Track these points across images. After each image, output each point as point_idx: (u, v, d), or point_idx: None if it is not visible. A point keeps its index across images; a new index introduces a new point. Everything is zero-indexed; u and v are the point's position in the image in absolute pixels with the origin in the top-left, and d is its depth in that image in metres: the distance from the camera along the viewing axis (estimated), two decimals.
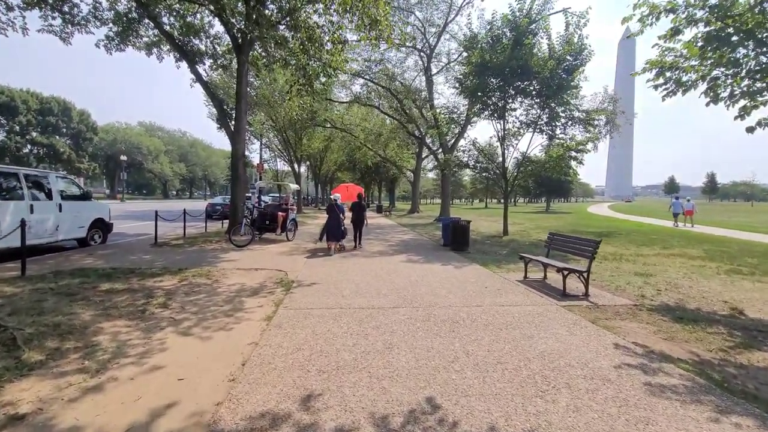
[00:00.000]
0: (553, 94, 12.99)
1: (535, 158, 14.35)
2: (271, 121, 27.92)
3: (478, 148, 15.17)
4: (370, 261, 9.05)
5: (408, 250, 11.15)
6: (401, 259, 9.45)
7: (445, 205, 23.80)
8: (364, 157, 35.34)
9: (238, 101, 13.69)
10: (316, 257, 9.48)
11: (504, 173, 14.81)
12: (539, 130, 13.97)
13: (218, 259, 8.78)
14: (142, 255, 9.13)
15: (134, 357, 3.47)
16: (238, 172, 13.75)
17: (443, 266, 8.46)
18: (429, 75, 22.94)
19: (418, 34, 22.78)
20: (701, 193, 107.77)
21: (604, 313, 5.23)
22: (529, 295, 6.08)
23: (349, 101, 26.85)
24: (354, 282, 6.72)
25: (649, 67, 7.72)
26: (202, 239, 12.18)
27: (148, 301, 5.22)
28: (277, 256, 9.59)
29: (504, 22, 13.24)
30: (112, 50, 14.50)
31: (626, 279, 7.38)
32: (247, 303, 5.32)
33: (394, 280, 6.92)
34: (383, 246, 11.96)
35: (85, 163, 53.41)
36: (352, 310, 5.03)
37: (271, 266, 8.11)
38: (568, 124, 13.85)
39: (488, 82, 13.62)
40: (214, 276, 6.99)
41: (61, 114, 49.20)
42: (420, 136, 25.75)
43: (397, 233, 16.37)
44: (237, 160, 13.71)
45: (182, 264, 8.08)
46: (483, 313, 5.04)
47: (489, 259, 9.63)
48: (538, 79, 12.79)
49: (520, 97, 14.02)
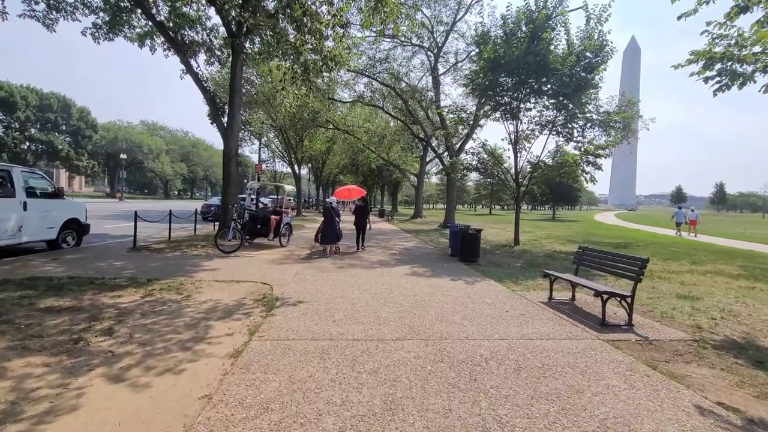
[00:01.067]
0: (572, 93, 11.97)
1: (550, 162, 13.28)
2: (271, 120, 27.03)
3: (489, 151, 14.13)
4: (370, 273, 8.00)
5: (412, 260, 10.09)
6: (404, 271, 8.40)
7: (450, 211, 22.76)
8: (366, 159, 34.39)
9: (232, 95, 12.76)
10: (310, 266, 8.44)
11: (516, 178, 13.76)
12: (555, 132, 12.93)
13: (198, 268, 7.75)
14: (114, 261, 8.12)
15: (27, 422, 2.44)
16: (230, 172, 12.78)
17: (453, 281, 7.40)
18: (436, 75, 22.00)
19: (425, 33, 21.86)
20: (710, 203, 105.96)
21: (661, 351, 4.17)
22: (560, 322, 5.02)
23: (352, 101, 25.91)
24: (349, 301, 5.68)
25: (695, 58, 6.69)
26: (187, 243, 11.17)
27: (90, 325, 4.19)
28: (265, 264, 8.56)
29: (520, 16, 12.24)
30: (100, 39, 13.59)
31: (669, 303, 6.31)
32: (214, 329, 4.29)
33: (397, 299, 5.87)
34: (385, 254, 10.91)
35: (84, 161, 52.72)
36: (344, 343, 3.98)
37: (255, 278, 7.08)
38: (586, 126, 12.80)
39: (501, 80, 12.61)
40: (186, 290, 5.95)
41: (60, 111, 48.55)
42: (425, 138, 24.77)
43: (399, 240, 15.32)
44: (229, 158, 12.75)
45: (154, 273, 7.05)
46: (510, 349, 3.98)
47: (503, 273, 8.57)
48: (556, 76, 11.77)
49: (535, 97, 13.00)
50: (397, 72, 22.53)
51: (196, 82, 12.13)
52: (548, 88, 12.53)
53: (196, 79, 12.14)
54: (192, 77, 12.10)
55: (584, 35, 12.04)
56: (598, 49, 11.88)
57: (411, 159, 34.80)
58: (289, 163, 32.62)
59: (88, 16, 13.34)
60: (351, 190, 14.20)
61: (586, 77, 11.93)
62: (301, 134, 30.44)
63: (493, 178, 14.60)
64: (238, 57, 12.64)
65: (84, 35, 13.48)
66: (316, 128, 29.68)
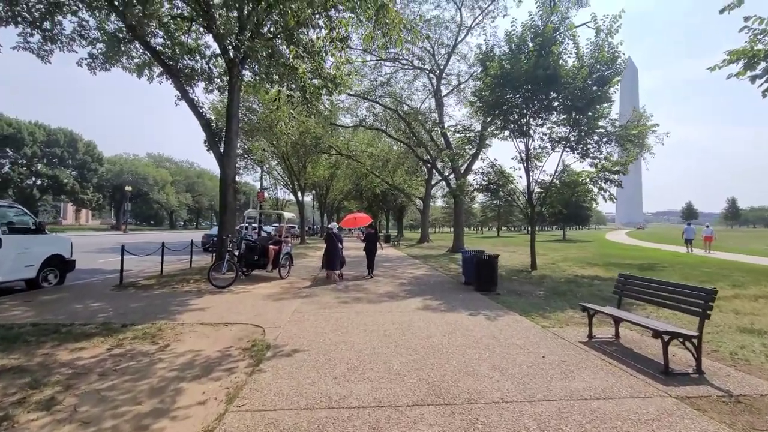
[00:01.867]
0: (585, 107, 11.34)
1: (566, 180, 12.50)
2: (272, 146, 26.75)
3: (498, 171, 13.41)
4: (377, 309, 7.11)
5: (423, 290, 9.18)
6: (416, 304, 7.49)
7: (459, 235, 21.88)
8: (370, 184, 33.90)
9: (229, 121, 12.26)
10: (310, 302, 7.57)
11: (530, 197, 12.97)
12: (570, 148, 12.22)
13: (184, 308, 6.91)
14: (93, 302, 7.31)
15: None
16: (227, 200, 12.11)
17: (472, 317, 6.48)
18: (439, 97, 21.68)
19: (426, 55, 21.72)
20: (723, 218, 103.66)
21: (757, 414, 3.22)
22: (613, 371, 4.08)
23: (354, 126, 25.62)
24: (353, 347, 4.79)
25: (733, 58, 5.99)
26: (180, 277, 10.38)
27: (27, 394, 3.34)
28: (261, 300, 7.70)
29: (525, 32, 11.79)
30: (96, 69, 13.34)
31: (734, 339, 5.33)
32: (185, 395, 3.42)
33: (410, 343, 4.97)
34: (393, 284, 10.00)
35: (89, 194, 52.83)
36: (346, 414, 3.09)
37: (247, 318, 6.21)
38: (602, 141, 12.10)
39: (508, 97, 12.05)
40: (163, 337, 5.11)
41: (66, 145, 49.10)
42: (430, 161, 24.24)
43: (408, 267, 14.41)
44: (226, 186, 12.11)
45: (133, 316, 6.22)
46: (562, 417, 3.06)
47: (527, 304, 7.63)
48: (568, 90, 11.18)
49: (545, 113, 12.38)
50: (399, 95, 22.24)
51: (191, 107, 11.69)
52: (559, 103, 11.95)
53: (192, 104, 11.71)
54: (187, 103, 11.68)
55: (594, 48, 11.54)
56: (610, 62, 11.34)
57: (416, 183, 34.27)
58: (292, 191, 32.13)
59: (86, 47, 13.18)
60: (357, 218, 13.96)
61: (599, 90, 11.34)
62: (304, 161, 30.13)
63: (503, 199, 13.77)
64: (235, 82, 12.24)
65: (80, 65, 13.27)
66: (319, 154, 29.39)
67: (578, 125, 11.87)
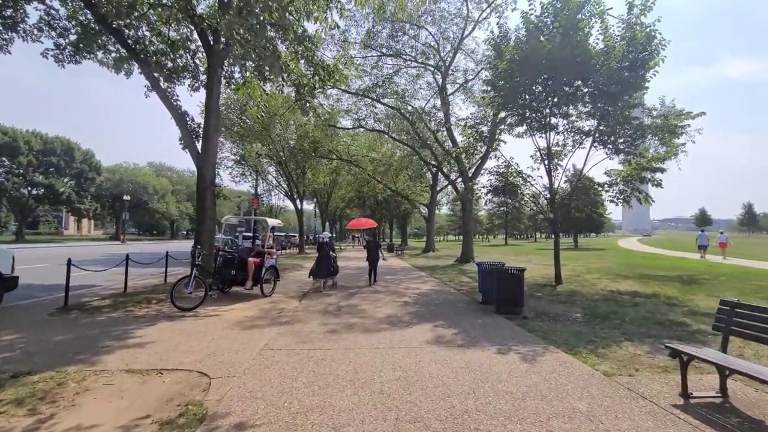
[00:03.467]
0: (620, 93, 9.73)
1: (585, 181, 10.83)
2: (267, 150, 25.34)
3: (516, 170, 11.76)
4: (373, 342, 5.44)
5: (433, 313, 7.48)
6: (425, 335, 5.81)
7: (467, 244, 20.13)
8: (372, 191, 32.37)
9: (208, 116, 10.80)
10: (288, 332, 5.91)
11: (552, 200, 11.30)
12: (600, 142, 10.59)
13: (120, 342, 5.28)
14: (9, 333, 5.69)
15: None
16: (204, 205, 10.58)
17: (502, 356, 4.80)
18: (444, 95, 20.16)
19: (431, 51, 20.26)
20: (739, 225, 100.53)
21: None
22: None
23: (354, 127, 24.14)
24: (332, 421, 3.12)
25: None
26: (143, 296, 8.77)
27: None
28: (227, 329, 6.06)
29: (546, 8, 10.22)
30: (64, 62, 11.96)
31: None
32: None
33: (419, 407, 3.30)
34: (395, 304, 8.31)
35: (86, 203, 51.68)
36: None
37: (195, 360, 4.57)
38: (636, 134, 10.43)
39: (526, 84, 10.46)
40: (57, 399, 3.48)
41: (63, 154, 48.06)
42: (436, 163, 22.64)
43: (413, 281, 12.71)
44: (204, 189, 10.59)
45: (42, 357, 4.61)
46: None
47: (567, 332, 5.93)
48: (600, 73, 9.58)
49: (568, 104, 10.77)
50: (402, 93, 20.73)
51: (162, 98, 10.19)
52: (587, 90, 10.35)
53: (163, 95, 10.20)
54: (158, 93, 10.16)
55: (626, 27, 9.94)
56: (645, 42, 9.73)
57: (420, 188, 32.67)
58: (290, 198, 30.60)
59: (55, 38, 11.85)
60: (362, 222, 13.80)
61: (634, 75, 9.72)
62: (303, 166, 28.69)
63: (520, 202, 12.11)
64: (215, 72, 10.78)
65: (45, 57, 11.90)
66: (319, 159, 27.96)
67: (608, 116, 10.24)
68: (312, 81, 12.94)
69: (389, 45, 19.33)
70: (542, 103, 10.79)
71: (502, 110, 12.20)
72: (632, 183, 10.95)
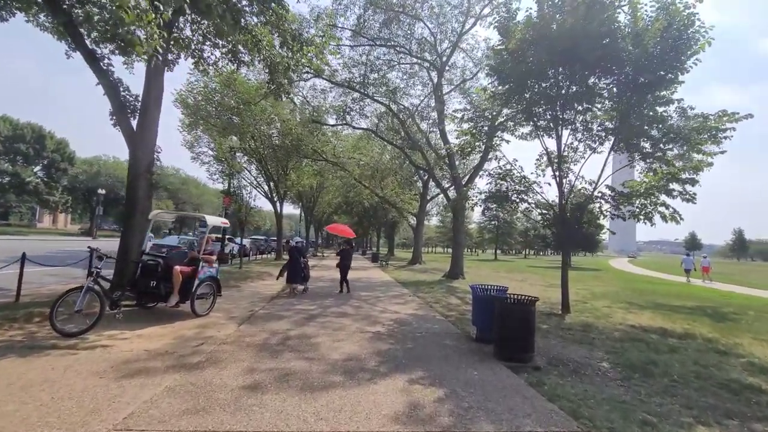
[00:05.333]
0: (652, 84, 8.02)
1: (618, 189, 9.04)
2: (246, 145, 23.33)
3: (520, 176, 9.92)
4: (313, 411, 3.41)
5: (410, 356, 5.45)
6: (394, 399, 3.81)
7: (457, 258, 18.17)
8: (359, 196, 30.43)
9: (148, 84, 8.78)
10: (192, 382, 3.84)
11: (562, 211, 9.48)
12: (625, 143, 8.83)
13: None
14: None
15: None
16: (136, 195, 8.49)
17: None
18: (440, 94, 18.43)
19: (426, 45, 18.56)
20: (730, 251, 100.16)
21: None
22: None
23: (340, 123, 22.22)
24: None
25: None
26: (28, 310, 6.56)
27: None
28: (89, 379, 3.97)
29: None
30: None
31: None
32: None
33: None
34: (361, 338, 6.27)
35: (56, 195, 48.67)
36: None
37: None
38: (667, 138, 8.69)
39: (542, 70, 8.68)
40: None
41: (33, 141, 45.22)
42: (426, 167, 20.80)
43: (392, 300, 10.68)
44: (136, 177, 8.51)
45: None
46: None
47: (602, 401, 3.99)
48: (630, 58, 7.85)
49: (588, 98, 9.00)
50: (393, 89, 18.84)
51: (88, 59, 8.05)
52: (612, 79, 8.62)
53: (89, 55, 8.06)
54: (82, 53, 7.97)
55: (660, 7, 8.25)
56: (683, 27, 8.04)
57: (409, 197, 30.82)
58: (269, 199, 28.42)
59: None
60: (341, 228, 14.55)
61: (672, 59, 7.98)
62: (285, 166, 26.65)
63: (524, 213, 10.29)
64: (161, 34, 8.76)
65: None
66: (301, 159, 25.97)
67: (634, 113, 8.51)
68: (286, 59, 11.09)
69: (382, 35, 17.56)
70: (557, 94, 8.99)
71: (506, 106, 10.45)
72: (655, 196, 9.22)
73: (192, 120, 25.81)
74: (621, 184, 10.04)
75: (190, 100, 24.99)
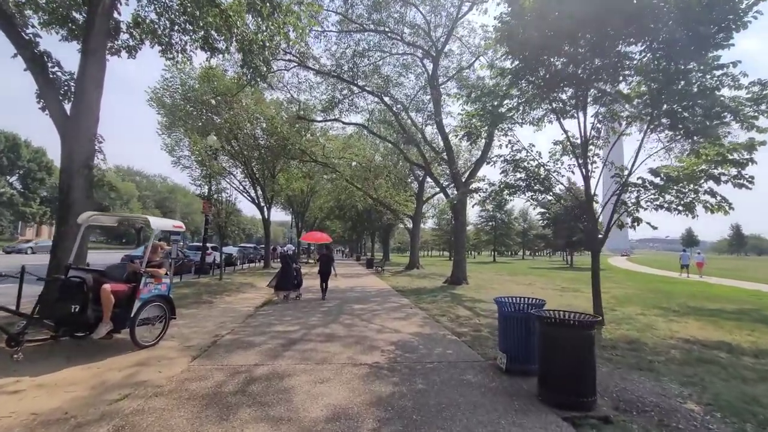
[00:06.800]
0: (696, 49, 6.61)
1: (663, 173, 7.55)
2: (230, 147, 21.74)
3: (537, 164, 8.44)
4: None
5: (424, 408, 3.85)
6: None
7: (459, 262, 16.61)
8: (351, 198, 28.88)
9: (84, 60, 7.13)
10: None
11: (589, 204, 8.02)
12: (668, 119, 7.39)
13: None
14: None
15: None
16: (69, 198, 6.85)
17: None
18: (435, 83, 16.98)
19: (420, 31, 17.14)
20: (728, 246, 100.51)
21: None
22: None
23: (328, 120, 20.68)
24: None
25: None
26: None
27: None
28: None
29: None
30: None
31: None
32: None
33: None
34: (353, 372, 4.68)
35: (34, 207, 46.38)
36: None
37: None
38: (713, 113, 7.25)
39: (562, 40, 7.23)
40: None
41: (7, 150, 43.00)
42: (423, 164, 19.29)
43: (391, 315, 9.05)
44: (71, 174, 6.87)
45: None
46: None
47: None
48: (674, 17, 6.44)
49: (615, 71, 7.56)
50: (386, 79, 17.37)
51: (4, 27, 6.44)
52: (646, 47, 7.20)
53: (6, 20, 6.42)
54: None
55: None
56: None
57: (404, 198, 29.29)
58: (256, 204, 26.71)
59: None
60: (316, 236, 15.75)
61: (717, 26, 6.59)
62: (272, 168, 25.01)
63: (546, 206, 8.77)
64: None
65: None
66: (289, 161, 24.35)
67: (677, 83, 7.08)
68: (260, 36, 9.65)
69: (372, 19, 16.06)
70: (584, 67, 7.52)
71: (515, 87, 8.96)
72: (698, 183, 7.78)
73: (170, 120, 24.19)
74: (648, 171, 8.60)
75: (166, 99, 23.36)
